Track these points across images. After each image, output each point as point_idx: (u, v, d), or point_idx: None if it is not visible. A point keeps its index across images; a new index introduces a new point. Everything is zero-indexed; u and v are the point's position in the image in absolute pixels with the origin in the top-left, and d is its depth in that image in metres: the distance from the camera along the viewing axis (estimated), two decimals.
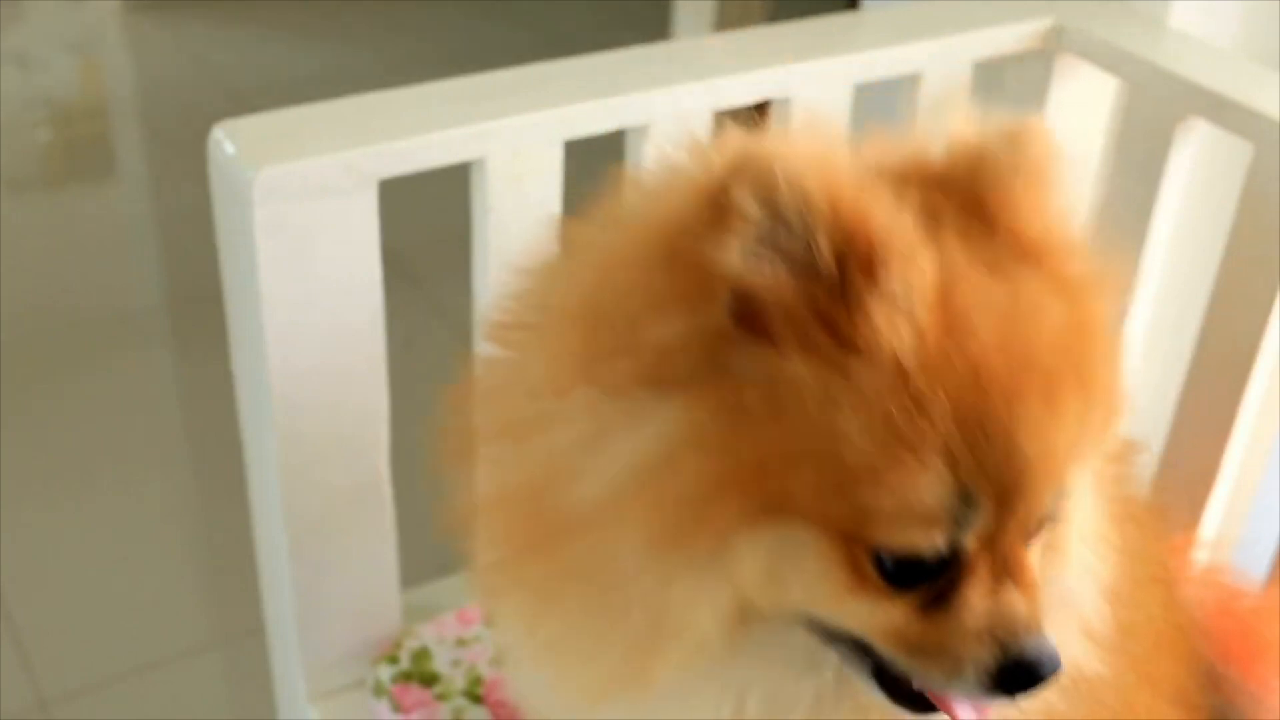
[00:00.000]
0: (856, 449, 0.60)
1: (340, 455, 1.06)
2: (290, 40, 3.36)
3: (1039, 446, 0.62)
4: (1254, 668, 0.98)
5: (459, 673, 1.16)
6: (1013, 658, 0.64)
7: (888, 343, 0.59)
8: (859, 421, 0.60)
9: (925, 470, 0.60)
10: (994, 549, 0.64)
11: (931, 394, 0.59)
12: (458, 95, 1.02)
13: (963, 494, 0.61)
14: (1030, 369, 0.62)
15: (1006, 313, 0.62)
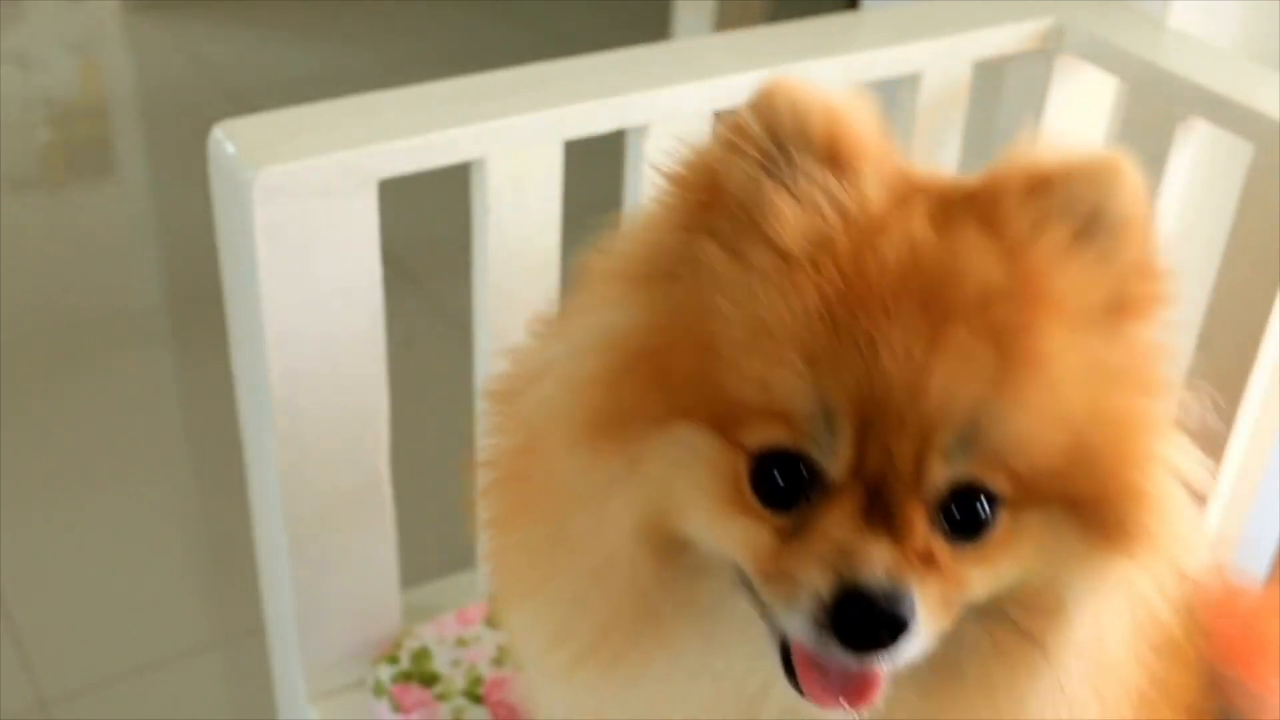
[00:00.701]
0: (735, 340, 0.63)
1: (340, 455, 1.06)
2: (290, 40, 3.36)
3: (907, 376, 0.61)
4: (1255, 667, 0.98)
5: (459, 673, 1.16)
6: (846, 589, 0.61)
7: (789, 241, 0.64)
8: (743, 311, 0.63)
9: (783, 365, 0.62)
10: (875, 494, 0.63)
11: (808, 296, 0.62)
12: (458, 95, 1.02)
13: (821, 402, 0.62)
14: (926, 309, 0.62)
15: (928, 257, 0.64)
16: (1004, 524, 0.64)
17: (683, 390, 0.64)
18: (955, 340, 0.62)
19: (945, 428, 0.62)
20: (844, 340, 0.62)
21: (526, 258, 1.06)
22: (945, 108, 1.19)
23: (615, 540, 0.68)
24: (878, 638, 0.61)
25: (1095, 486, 0.65)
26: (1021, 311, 0.63)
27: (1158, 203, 1.16)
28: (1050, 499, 0.65)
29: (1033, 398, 0.63)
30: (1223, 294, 1.10)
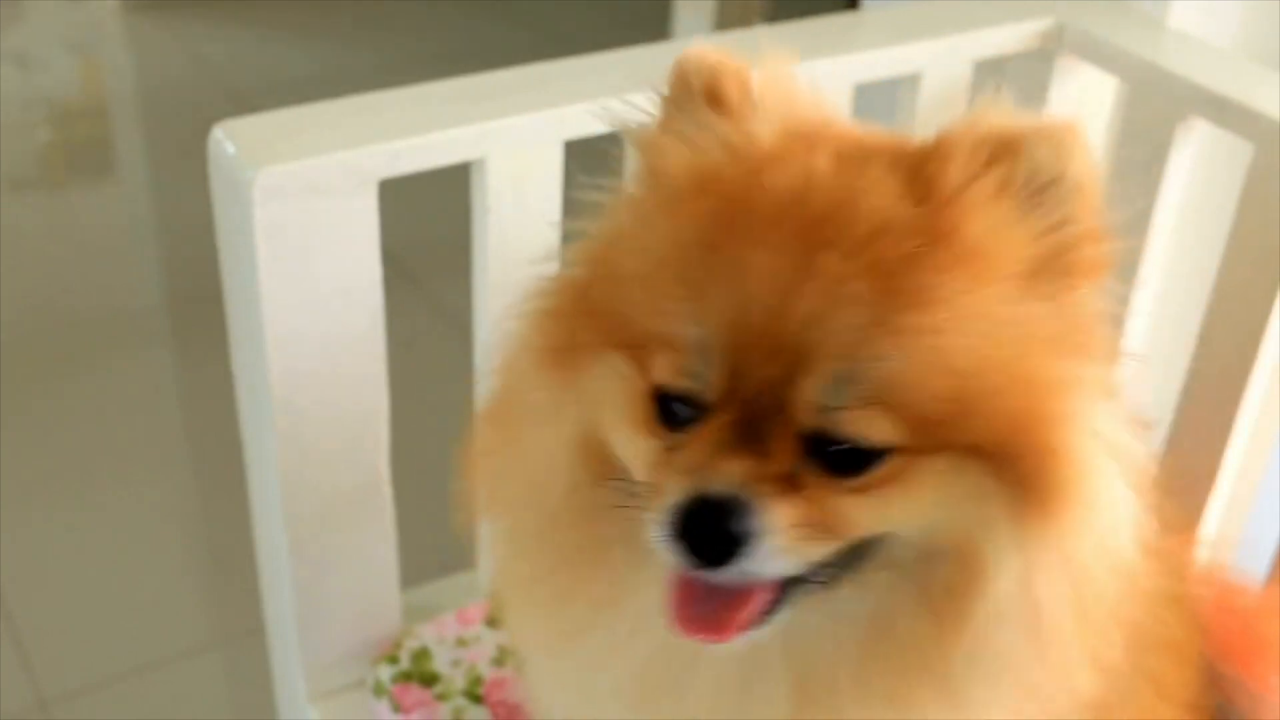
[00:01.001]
0: (635, 272, 0.67)
1: (340, 455, 1.06)
2: (290, 40, 3.36)
3: (774, 301, 0.62)
4: (1254, 666, 0.98)
5: (459, 673, 1.16)
6: (693, 496, 0.62)
7: (675, 175, 0.68)
8: (641, 245, 0.68)
9: (667, 295, 0.65)
10: (747, 418, 0.64)
11: (691, 227, 0.66)
12: (458, 95, 1.02)
13: (698, 328, 0.64)
14: (804, 238, 0.63)
15: (819, 191, 0.65)
16: (895, 465, 0.64)
17: (605, 322, 0.69)
18: (828, 269, 0.62)
19: (815, 361, 0.62)
20: (720, 268, 0.64)
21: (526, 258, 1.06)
22: (945, 108, 1.19)
23: (557, 453, 0.73)
24: (721, 546, 0.62)
25: (1008, 441, 0.64)
26: (918, 252, 0.63)
27: (1158, 203, 1.16)
28: (955, 448, 0.64)
29: (917, 340, 0.62)
30: (1223, 294, 1.10)
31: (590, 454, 0.72)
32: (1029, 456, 0.64)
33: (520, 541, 0.79)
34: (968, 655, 0.68)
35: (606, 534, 0.73)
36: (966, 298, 0.63)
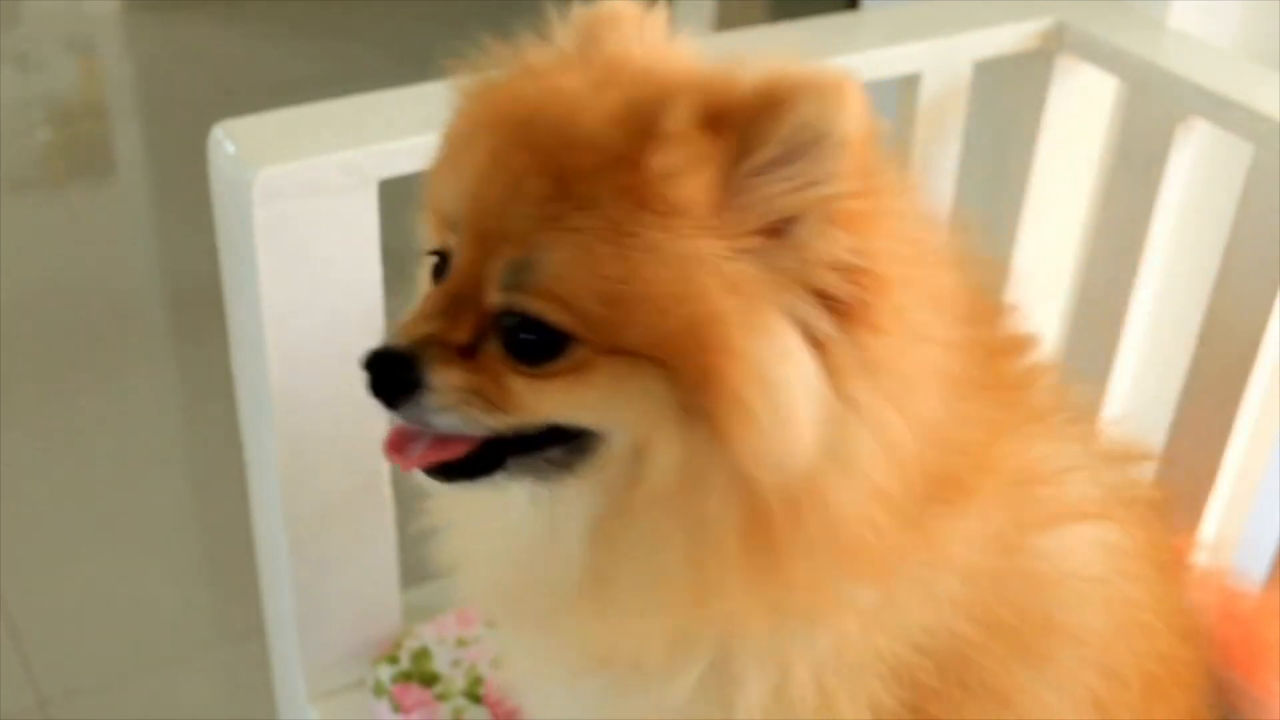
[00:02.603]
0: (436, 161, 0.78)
1: (340, 455, 1.06)
2: (290, 40, 3.36)
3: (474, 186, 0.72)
4: (1257, 672, 0.98)
5: (459, 673, 1.16)
6: (381, 346, 0.73)
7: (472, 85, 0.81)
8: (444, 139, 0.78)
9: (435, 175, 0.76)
10: (456, 290, 0.73)
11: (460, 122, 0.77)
12: None
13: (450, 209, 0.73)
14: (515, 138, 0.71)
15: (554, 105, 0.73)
16: (575, 359, 0.70)
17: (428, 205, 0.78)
18: (516, 165, 0.70)
19: (500, 242, 0.70)
20: (462, 156, 0.74)
21: None
22: (945, 108, 1.19)
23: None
24: (393, 390, 0.72)
25: (670, 354, 0.69)
26: (596, 168, 0.69)
27: (1158, 202, 1.16)
28: (626, 351, 0.69)
29: (572, 237, 0.69)
30: (1223, 294, 1.10)
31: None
32: (692, 372, 0.69)
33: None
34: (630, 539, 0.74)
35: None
36: (627, 214, 0.68)
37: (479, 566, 0.86)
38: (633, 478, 0.73)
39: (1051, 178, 1.24)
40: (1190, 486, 1.14)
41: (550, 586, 0.79)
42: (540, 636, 0.84)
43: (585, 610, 0.78)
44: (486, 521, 0.83)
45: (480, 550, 0.85)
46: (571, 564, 0.77)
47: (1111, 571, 0.84)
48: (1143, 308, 1.21)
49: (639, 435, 0.71)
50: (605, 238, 0.68)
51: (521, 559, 0.81)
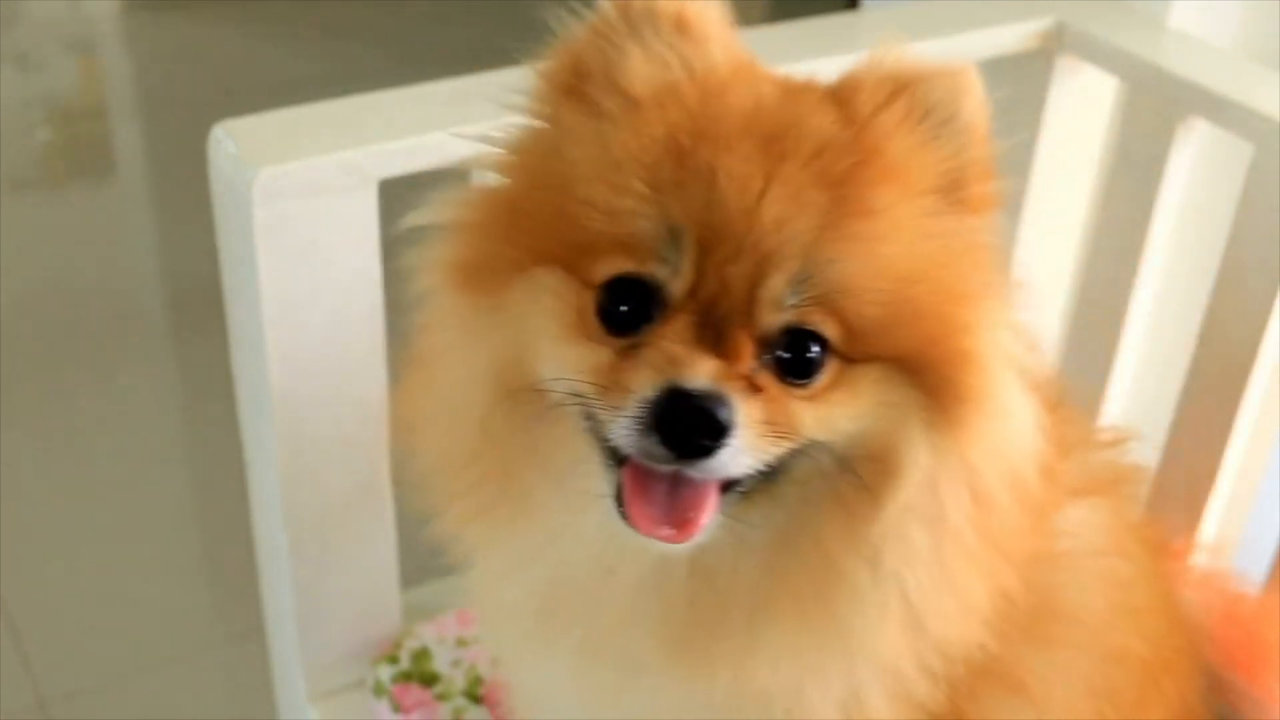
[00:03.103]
0: (584, 175, 0.69)
1: (340, 455, 1.06)
2: (290, 40, 3.36)
3: (744, 203, 0.66)
4: (1257, 673, 0.98)
5: (459, 673, 1.16)
6: (669, 389, 0.64)
7: (639, 88, 0.71)
8: (593, 151, 0.70)
9: (628, 192, 0.67)
10: (709, 318, 0.66)
11: (654, 132, 0.69)
12: (458, 95, 1.02)
13: (666, 222, 0.67)
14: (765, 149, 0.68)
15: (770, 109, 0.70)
16: (836, 373, 0.68)
17: (538, 234, 0.70)
18: (789, 177, 0.67)
19: (779, 261, 0.66)
20: (686, 169, 0.68)
21: None
22: None
23: (471, 380, 0.74)
24: (698, 438, 0.64)
25: (927, 350, 0.69)
26: (855, 167, 0.68)
27: (1158, 202, 1.16)
28: (884, 356, 0.69)
29: (862, 246, 0.67)
30: (1223, 294, 1.10)
31: (506, 375, 0.73)
32: (943, 365, 0.69)
33: (439, 470, 0.80)
34: (874, 553, 0.71)
35: (521, 456, 0.75)
36: (896, 209, 0.69)
37: (574, 603, 0.78)
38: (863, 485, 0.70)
39: (1051, 178, 1.24)
40: (1190, 486, 1.14)
41: (699, 619, 0.74)
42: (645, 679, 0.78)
43: (734, 644, 0.74)
44: (600, 558, 0.75)
45: (579, 587, 0.77)
46: (735, 593, 0.73)
47: (1107, 547, 0.85)
48: (1143, 308, 1.21)
49: (887, 443, 0.70)
50: (886, 236, 0.68)
51: (663, 592, 0.74)
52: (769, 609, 0.73)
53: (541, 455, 0.74)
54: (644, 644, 0.75)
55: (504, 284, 0.72)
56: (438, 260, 0.76)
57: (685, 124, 0.69)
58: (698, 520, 0.67)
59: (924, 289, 0.69)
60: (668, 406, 0.64)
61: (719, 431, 0.64)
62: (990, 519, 0.73)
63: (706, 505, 0.68)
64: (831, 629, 0.73)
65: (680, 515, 0.67)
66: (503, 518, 0.77)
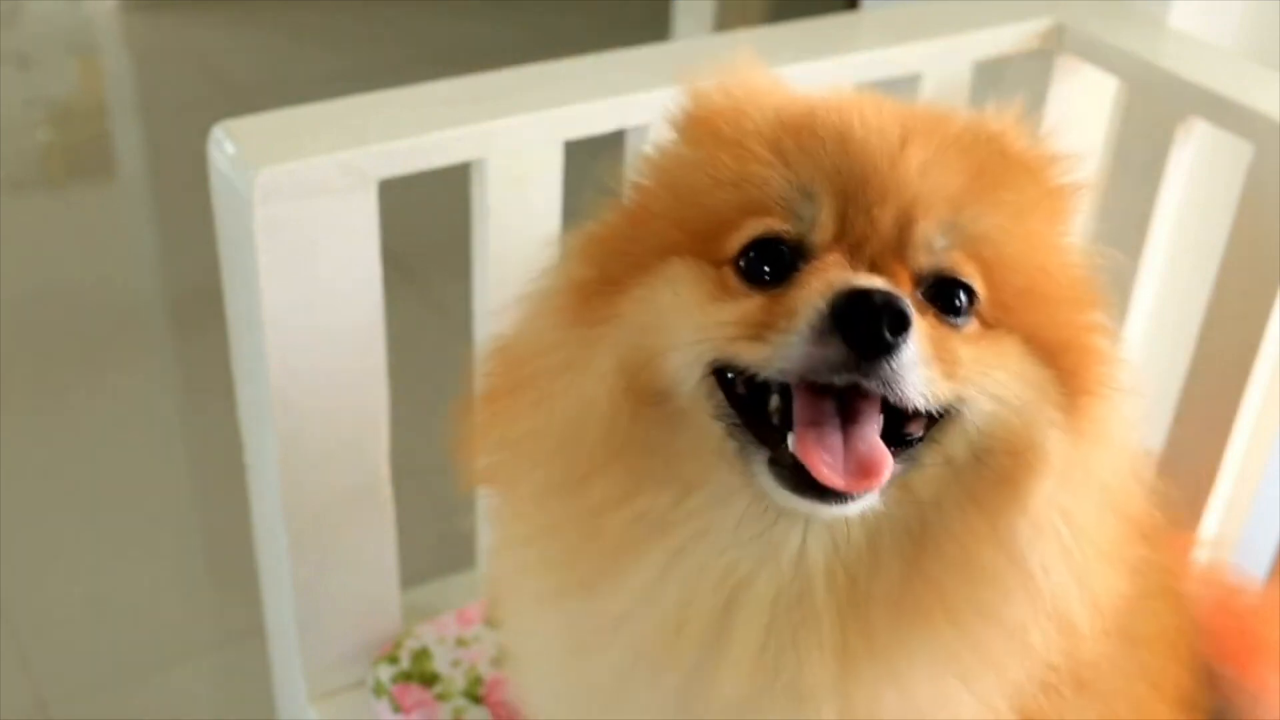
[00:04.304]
0: (711, 164, 0.71)
1: (340, 455, 1.06)
2: (290, 40, 3.36)
3: (884, 150, 0.68)
4: (1252, 666, 0.98)
5: (459, 673, 1.16)
6: (844, 290, 0.62)
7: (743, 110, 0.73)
8: (717, 151, 0.71)
9: (755, 160, 0.69)
10: (858, 253, 0.67)
11: (786, 114, 0.71)
12: (458, 95, 1.02)
13: (794, 184, 0.68)
14: (903, 126, 0.70)
15: (891, 114, 0.72)
16: (979, 329, 0.69)
17: (663, 231, 0.71)
18: (926, 141, 0.69)
19: (927, 205, 0.67)
20: (812, 135, 0.69)
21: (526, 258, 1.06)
22: None
23: (594, 386, 0.71)
24: (883, 330, 0.61)
25: (1061, 333, 0.70)
26: (992, 155, 0.72)
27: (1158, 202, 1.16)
28: (1022, 329, 0.70)
29: (1004, 211, 0.69)
30: (1223, 294, 1.10)
31: (633, 378, 0.70)
32: (1073, 353, 0.70)
33: (540, 494, 0.75)
34: (1019, 548, 0.69)
35: (642, 467, 0.71)
36: (1030, 195, 0.72)
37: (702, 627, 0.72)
38: (1002, 478, 0.69)
39: None
40: (1190, 486, 1.14)
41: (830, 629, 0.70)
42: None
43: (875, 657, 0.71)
44: (734, 568, 0.71)
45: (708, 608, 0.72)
46: (877, 600, 0.70)
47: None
48: (1143, 308, 1.21)
49: (1025, 431, 0.68)
50: (1026, 215, 0.71)
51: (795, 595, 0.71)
52: (918, 614, 0.70)
53: (665, 459, 0.71)
54: (806, 668, 0.71)
55: (623, 290, 0.71)
56: (549, 296, 0.75)
57: (809, 108, 0.72)
58: (880, 467, 0.64)
59: (1059, 274, 0.71)
60: (848, 303, 0.61)
61: (903, 322, 0.61)
62: (1108, 521, 0.73)
63: (884, 454, 0.64)
64: (983, 632, 0.71)
65: (860, 464, 0.64)
66: (623, 539, 0.72)
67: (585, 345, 0.72)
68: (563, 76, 1.06)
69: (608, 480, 0.72)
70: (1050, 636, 0.72)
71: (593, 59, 1.08)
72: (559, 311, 0.74)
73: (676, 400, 0.69)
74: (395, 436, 1.08)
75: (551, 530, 0.75)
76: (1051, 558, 0.70)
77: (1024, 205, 0.71)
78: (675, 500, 0.71)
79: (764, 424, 0.67)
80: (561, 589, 0.76)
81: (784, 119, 0.71)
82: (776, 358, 0.64)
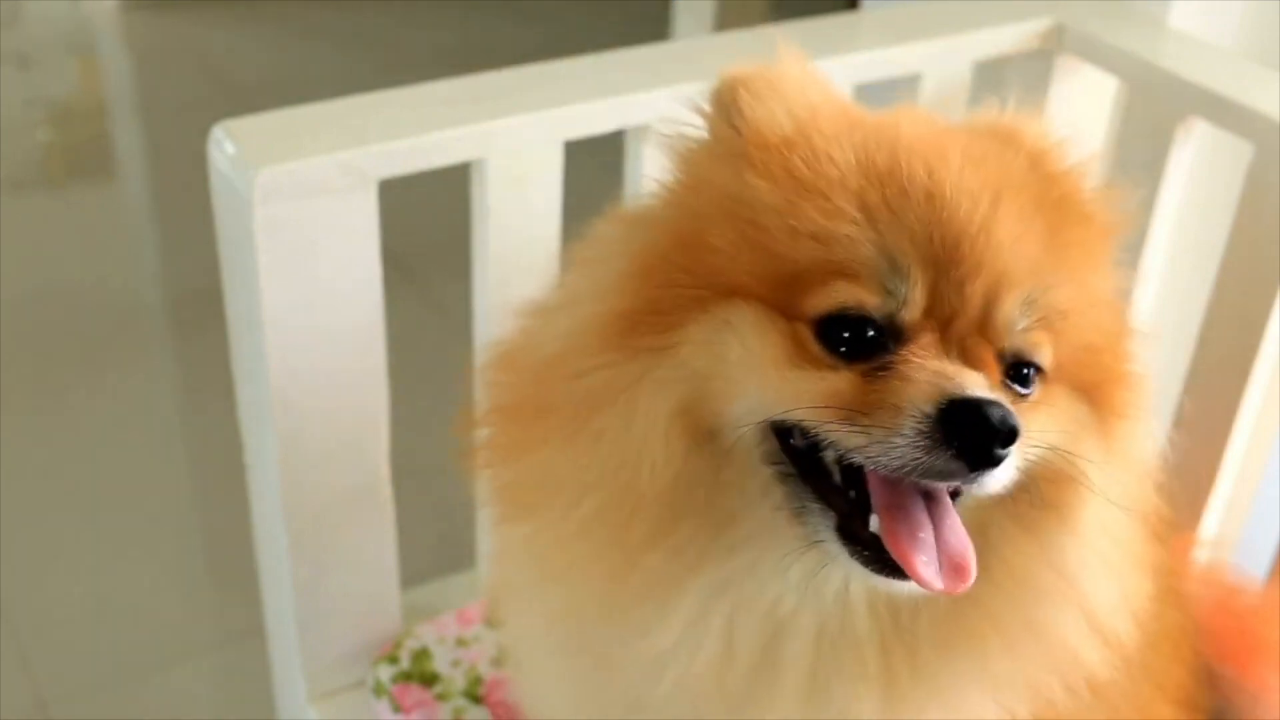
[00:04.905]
0: (782, 205, 0.66)
1: (340, 455, 1.06)
2: (290, 40, 3.36)
3: (975, 220, 0.65)
4: (1252, 666, 0.98)
5: (459, 673, 1.16)
6: (954, 399, 0.61)
7: (814, 115, 0.70)
8: (790, 180, 0.67)
9: (839, 217, 0.65)
10: (947, 333, 0.65)
11: (855, 157, 0.67)
12: (458, 95, 1.02)
13: (885, 252, 0.65)
14: (980, 175, 0.68)
15: (969, 151, 0.70)
16: (1041, 391, 0.69)
17: (725, 268, 0.67)
18: (1013, 200, 0.67)
19: (1014, 280, 0.66)
20: (900, 192, 0.66)
21: (526, 258, 1.06)
22: (945, 108, 1.19)
23: (649, 429, 0.68)
24: (996, 446, 0.61)
25: (1105, 371, 0.72)
26: (1059, 201, 0.71)
27: (1158, 202, 1.16)
28: (1070, 378, 0.71)
29: (1075, 273, 0.70)
30: (1223, 294, 1.10)
31: (690, 421, 0.68)
32: (1108, 384, 0.72)
33: (585, 533, 0.71)
34: (1067, 566, 0.71)
35: (683, 501, 0.69)
36: (1090, 241, 0.72)
37: (747, 661, 0.72)
38: (1047, 503, 0.70)
39: None
40: (1190, 486, 1.14)
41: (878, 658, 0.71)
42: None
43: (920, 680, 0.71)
44: (775, 607, 0.71)
45: (753, 643, 0.72)
46: (921, 629, 0.71)
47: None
48: (1142, 308, 1.21)
49: (1068, 460, 0.69)
50: (1090, 267, 0.72)
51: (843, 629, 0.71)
52: (968, 637, 0.71)
53: (710, 496, 0.69)
54: (852, 698, 0.71)
55: (675, 325, 0.67)
56: (587, 323, 0.70)
57: (873, 147, 0.68)
58: (972, 563, 0.64)
59: (1106, 318, 0.73)
60: (962, 417, 0.61)
61: (1012, 438, 0.61)
62: (1136, 525, 0.75)
63: (971, 549, 0.65)
64: (1038, 647, 0.72)
65: (955, 564, 0.64)
66: (664, 573, 0.70)
67: (633, 380, 0.68)
68: (563, 76, 1.06)
69: (650, 517, 0.70)
70: (1098, 648, 0.73)
71: (593, 59, 1.08)
72: (596, 335, 0.70)
73: (724, 440, 0.68)
74: (395, 436, 1.08)
75: (582, 564, 0.73)
76: (1098, 572, 0.72)
77: (1085, 259, 0.72)
78: (715, 534, 0.70)
79: (820, 477, 0.67)
80: (585, 625, 0.75)
81: (868, 166, 0.67)
82: (877, 452, 0.63)
